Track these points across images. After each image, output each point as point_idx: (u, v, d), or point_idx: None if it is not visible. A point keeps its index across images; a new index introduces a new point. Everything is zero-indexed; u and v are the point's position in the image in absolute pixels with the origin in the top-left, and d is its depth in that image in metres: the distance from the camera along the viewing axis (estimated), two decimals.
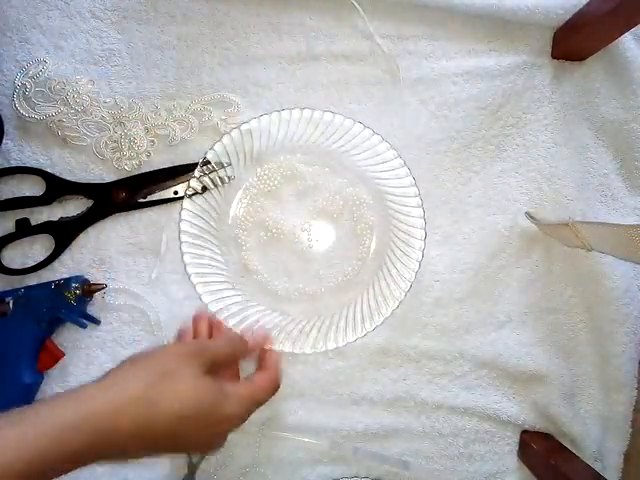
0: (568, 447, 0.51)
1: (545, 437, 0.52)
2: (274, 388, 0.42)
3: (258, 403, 0.40)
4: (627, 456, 0.52)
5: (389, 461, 0.51)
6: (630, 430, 0.52)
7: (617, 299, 0.52)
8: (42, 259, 0.48)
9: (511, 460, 0.53)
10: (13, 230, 0.48)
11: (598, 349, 0.52)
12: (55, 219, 0.49)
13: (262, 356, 0.45)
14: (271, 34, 0.50)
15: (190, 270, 0.46)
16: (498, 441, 0.53)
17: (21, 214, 0.48)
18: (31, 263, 0.48)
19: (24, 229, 0.48)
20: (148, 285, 0.50)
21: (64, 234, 0.49)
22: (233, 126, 0.48)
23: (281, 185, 0.50)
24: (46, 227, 0.48)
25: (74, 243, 0.49)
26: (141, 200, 0.49)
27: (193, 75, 0.50)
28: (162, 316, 0.49)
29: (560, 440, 0.52)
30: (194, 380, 0.35)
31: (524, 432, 0.53)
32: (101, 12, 0.49)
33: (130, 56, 0.49)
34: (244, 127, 0.47)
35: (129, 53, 0.49)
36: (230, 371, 0.44)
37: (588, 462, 0.49)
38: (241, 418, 0.38)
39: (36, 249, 0.49)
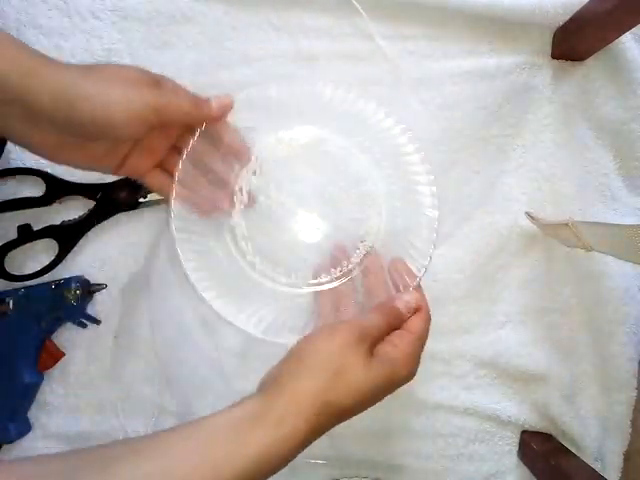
0: (568, 447, 0.51)
1: (545, 437, 0.52)
2: (429, 324, 0.40)
3: (422, 348, 0.39)
4: (627, 456, 0.52)
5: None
6: (630, 430, 0.52)
7: (617, 299, 0.52)
8: (46, 263, 0.48)
9: (511, 460, 0.53)
10: (13, 233, 0.48)
11: (598, 349, 0.52)
12: (56, 220, 0.49)
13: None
14: (271, 34, 0.50)
15: (186, 265, 0.44)
16: (498, 441, 0.53)
17: (21, 215, 0.48)
18: (34, 268, 0.48)
19: (26, 235, 0.48)
20: (148, 285, 0.50)
21: (67, 238, 0.48)
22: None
23: (280, 170, 0.47)
24: (49, 232, 0.48)
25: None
26: (142, 200, 0.49)
27: (193, 75, 0.50)
28: (162, 315, 0.50)
29: (560, 440, 0.52)
30: (364, 371, 0.34)
31: (524, 432, 0.53)
32: (101, 12, 0.49)
33: (130, 56, 0.49)
34: (241, 96, 0.43)
35: (129, 53, 0.49)
36: None
37: (588, 462, 0.49)
38: (414, 373, 0.37)
39: (39, 253, 0.49)
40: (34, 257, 0.49)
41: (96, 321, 0.49)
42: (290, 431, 0.31)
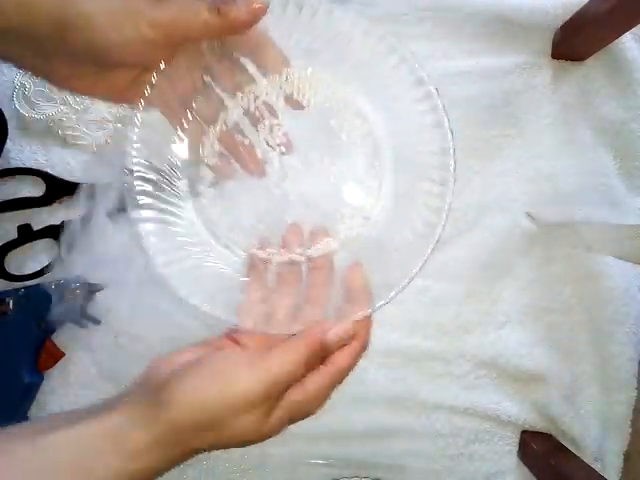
0: (568, 447, 0.51)
1: (545, 437, 0.52)
2: (358, 357, 0.33)
3: (339, 382, 0.32)
4: (627, 456, 0.52)
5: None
6: (630, 430, 0.52)
7: (617, 299, 0.52)
8: (46, 263, 0.48)
9: (511, 460, 0.53)
10: (13, 233, 0.48)
11: (598, 349, 0.52)
12: (56, 220, 0.49)
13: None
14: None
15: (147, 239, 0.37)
16: (498, 441, 0.53)
17: (21, 215, 0.48)
18: (34, 268, 0.48)
19: (26, 235, 0.48)
20: (148, 284, 0.50)
21: (67, 238, 0.48)
22: None
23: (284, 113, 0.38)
24: (49, 231, 0.48)
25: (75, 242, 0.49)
26: None
27: None
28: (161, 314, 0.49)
29: (560, 440, 0.52)
30: (256, 429, 0.29)
31: (524, 432, 0.53)
32: None
33: None
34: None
35: None
36: None
37: (588, 462, 0.49)
38: (318, 409, 0.32)
39: (39, 253, 0.49)
40: (34, 257, 0.49)
41: (96, 321, 0.49)
42: (143, 467, 0.28)
